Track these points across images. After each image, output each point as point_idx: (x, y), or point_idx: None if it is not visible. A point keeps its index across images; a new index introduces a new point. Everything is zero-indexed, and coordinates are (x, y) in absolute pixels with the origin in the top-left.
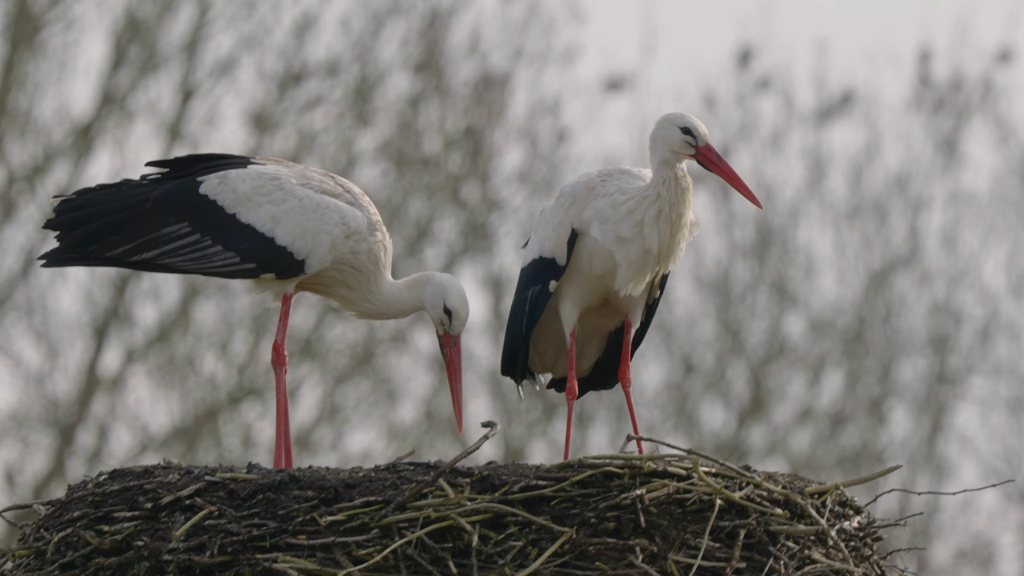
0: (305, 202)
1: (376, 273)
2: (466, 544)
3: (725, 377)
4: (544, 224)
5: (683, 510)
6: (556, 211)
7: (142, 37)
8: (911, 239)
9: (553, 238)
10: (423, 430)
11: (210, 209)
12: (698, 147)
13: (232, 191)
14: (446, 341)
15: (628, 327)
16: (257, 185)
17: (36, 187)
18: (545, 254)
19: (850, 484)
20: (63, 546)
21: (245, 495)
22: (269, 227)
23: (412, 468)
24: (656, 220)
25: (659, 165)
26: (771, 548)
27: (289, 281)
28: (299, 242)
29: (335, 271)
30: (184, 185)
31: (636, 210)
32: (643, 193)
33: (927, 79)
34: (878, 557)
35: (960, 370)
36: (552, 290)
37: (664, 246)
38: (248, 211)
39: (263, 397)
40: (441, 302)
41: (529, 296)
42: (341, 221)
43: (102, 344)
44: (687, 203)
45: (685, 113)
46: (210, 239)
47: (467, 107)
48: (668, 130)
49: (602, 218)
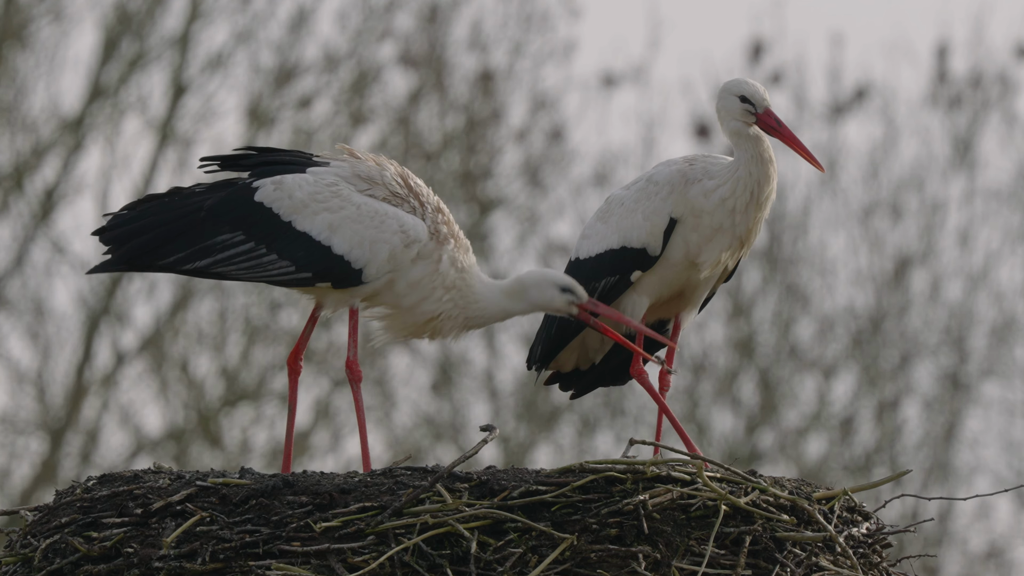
0: (363, 209)
1: (469, 275)
2: (464, 551)
3: (736, 381)
4: (626, 213)
5: (687, 516)
6: (648, 199)
7: (133, 30)
8: (925, 238)
9: (646, 227)
10: (421, 434)
11: (265, 217)
12: (758, 114)
13: (288, 197)
14: (584, 316)
15: (677, 325)
16: (314, 191)
17: (24, 184)
18: (632, 243)
19: (858, 489)
20: (51, 553)
21: (238, 500)
22: (326, 235)
23: (409, 473)
24: (748, 205)
25: (734, 138)
26: (777, 555)
27: (350, 292)
28: (356, 251)
29: (419, 288)
30: (239, 193)
31: (729, 198)
32: (734, 175)
33: (944, 75)
34: (887, 564)
35: (975, 373)
36: (634, 280)
37: (752, 230)
38: (304, 219)
39: (256, 401)
40: (555, 290)
41: (600, 287)
42: (400, 230)
43: (92, 345)
44: (772, 180)
45: (743, 79)
46: (265, 247)
47: (467, 104)
48: (727, 100)
49: (696, 207)
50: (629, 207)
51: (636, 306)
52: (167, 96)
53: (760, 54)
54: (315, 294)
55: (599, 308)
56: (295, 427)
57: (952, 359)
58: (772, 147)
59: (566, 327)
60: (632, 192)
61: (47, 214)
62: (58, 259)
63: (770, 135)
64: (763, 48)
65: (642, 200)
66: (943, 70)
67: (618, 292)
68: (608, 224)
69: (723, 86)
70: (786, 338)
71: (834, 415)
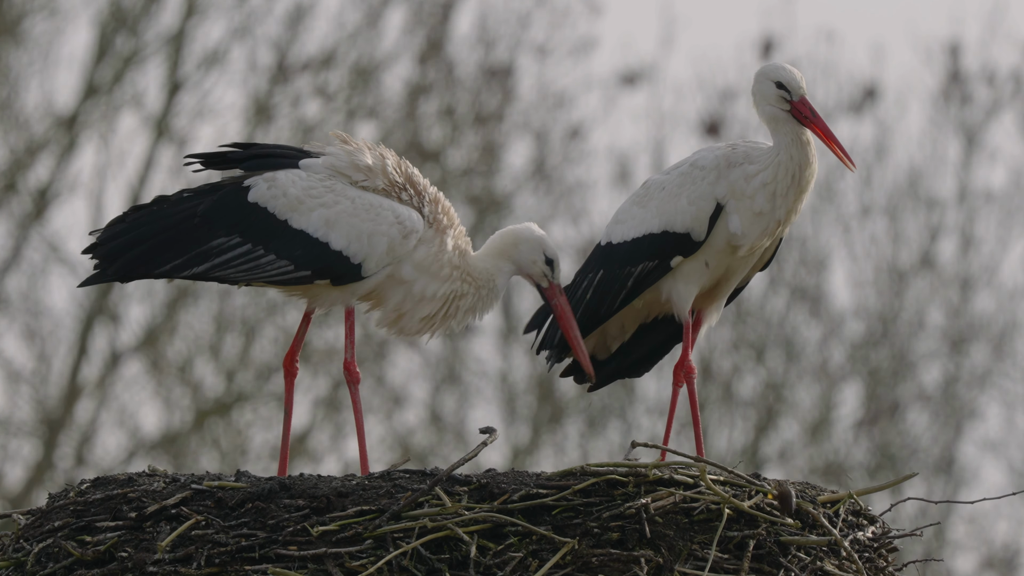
0: (358, 203)
1: (470, 257)
2: (464, 555)
3: (740, 384)
4: (668, 197)
5: (690, 520)
6: (693, 184)
7: (128, 27)
8: (930, 237)
9: (691, 212)
10: (425, 434)
11: (261, 217)
12: (792, 102)
13: (283, 195)
14: (551, 292)
15: (699, 320)
16: (308, 187)
17: (18, 182)
18: (675, 228)
19: (864, 493)
20: (44, 557)
21: (233, 504)
22: (323, 232)
23: (408, 476)
24: (788, 189)
25: (772, 123)
26: (781, 559)
27: (349, 290)
28: (354, 245)
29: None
30: (231, 195)
31: (771, 183)
32: (775, 159)
33: (956, 72)
34: (893, 568)
35: (981, 373)
36: (674, 266)
37: (791, 211)
38: (300, 216)
39: (253, 402)
40: (541, 255)
41: (637, 271)
42: (396, 221)
43: (87, 345)
44: (813, 162)
45: (780, 65)
46: (262, 248)
47: (474, 99)
48: (763, 84)
49: (738, 191)
50: (672, 191)
51: (681, 296)
52: (163, 93)
53: (770, 51)
54: (312, 293)
55: (562, 298)
56: (291, 429)
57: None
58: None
59: (596, 308)
60: (674, 176)
61: (41, 212)
62: (52, 258)
63: (803, 125)
64: (773, 45)
65: (687, 184)
66: (955, 68)
67: (655, 278)
68: (647, 209)
69: (759, 70)
70: (791, 341)
71: (838, 419)
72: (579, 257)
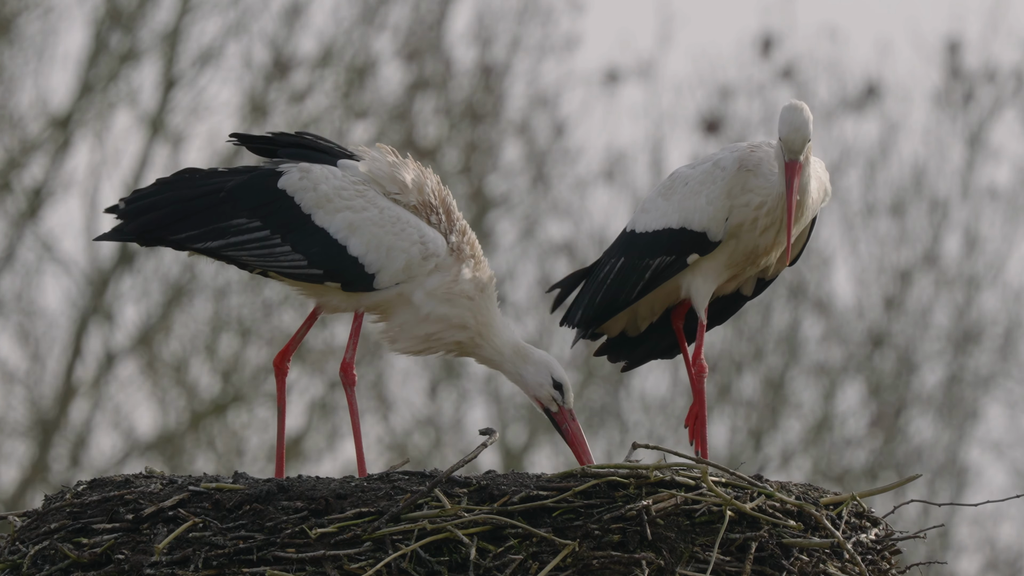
0: (386, 214)
1: (489, 300)
2: (463, 557)
3: (740, 384)
4: (689, 193)
5: (691, 522)
6: (712, 183)
7: (123, 24)
8: (936, 237)
9: (709, 212)
10: (420, 437)
11: (286, 206)
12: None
13: (313, 189)
14: (562, 418)
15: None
16: (340, 187)
17: (12, 181)
18: (693, 226)
19: (867, 495)
20: (40, 559)
21: (231, 506)
22: (344, 234)
23: (407, 477)
24: (777, 219)
25: (779, 156)
26: (784, 562)
27: (357, 298)
28: (372, 255)
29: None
30: (262, 177)
31: (762, 206)
32: (772, 189)
33: (957, 70)
34: (896, 571)
35: (985, 374)
36: (690, 263)
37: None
38: (325, 214)
39: (250, 403)
40: (549, 378)
41: (655, 264)
42: (420, 240)
43: (82, 345)
44: (804, 207)
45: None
46: (280, 237)
47: (465, 99)
48: (779, 122)
49: (735, 194)
50: (693, 188)
51: (699, 292)
52: (158, 90)
53: (770, 48)
54: (320, 294)
55: (574, 424)
56: (286, 429)
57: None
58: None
59: (615, 296)
60: (697, 173)
61: (35, 211)
62: (47, 257)
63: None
64: (772, 43)
65: (707, 183)
66: (956, 65)
67: (672, 272)
68: (670, 201)
69: (783, 107)
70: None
71: (841, 420)
72: (577, 257)
